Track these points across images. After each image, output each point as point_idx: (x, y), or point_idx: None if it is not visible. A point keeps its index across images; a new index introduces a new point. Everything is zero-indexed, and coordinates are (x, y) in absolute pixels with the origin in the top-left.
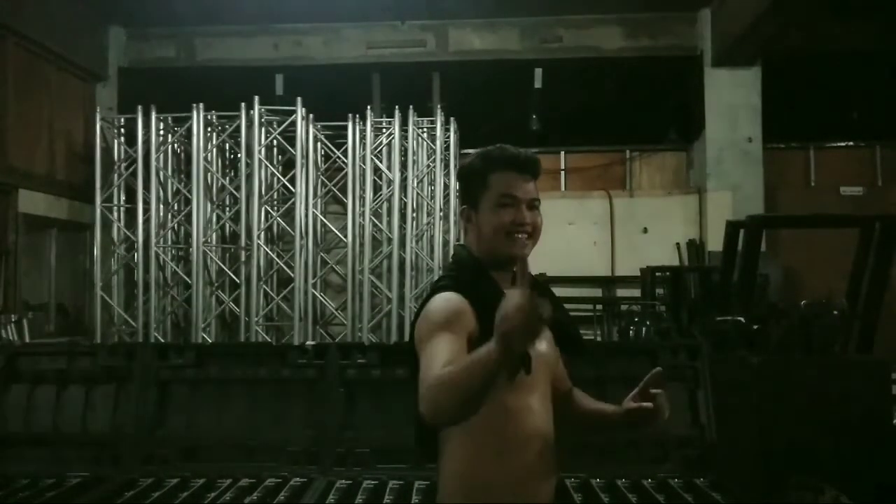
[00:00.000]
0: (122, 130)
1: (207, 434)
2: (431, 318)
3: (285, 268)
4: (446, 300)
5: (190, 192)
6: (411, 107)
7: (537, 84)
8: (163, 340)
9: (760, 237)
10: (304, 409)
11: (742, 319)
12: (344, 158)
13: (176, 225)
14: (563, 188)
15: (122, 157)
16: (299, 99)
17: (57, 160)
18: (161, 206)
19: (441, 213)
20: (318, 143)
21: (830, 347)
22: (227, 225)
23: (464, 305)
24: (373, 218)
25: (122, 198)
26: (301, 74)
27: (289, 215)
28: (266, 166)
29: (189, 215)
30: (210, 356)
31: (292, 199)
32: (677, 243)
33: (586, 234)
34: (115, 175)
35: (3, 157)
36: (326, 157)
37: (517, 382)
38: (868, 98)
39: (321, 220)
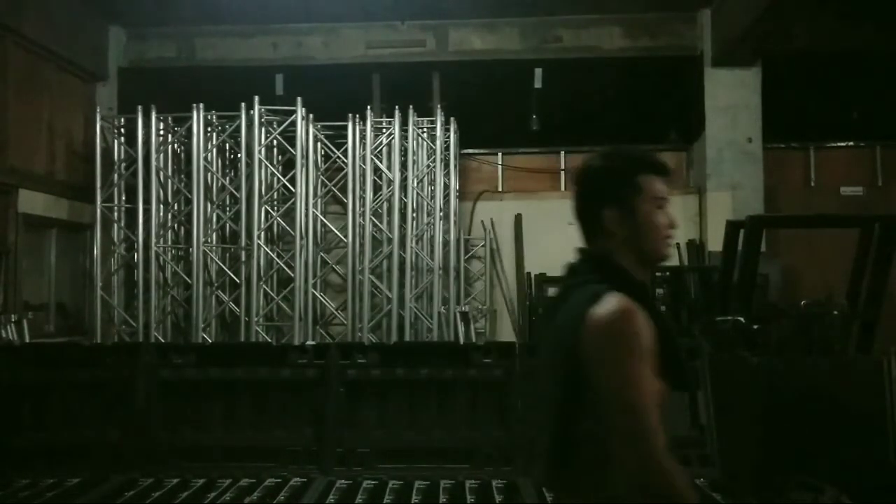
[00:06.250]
0: (122, 130)
1: (208, 434)
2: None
3: (285, 268)
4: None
5: (190, 192)
6: (411, 107)
7: (537, 84)
8: (163, 340)
9: (760, 237)
10: (304, 409)
11: (742, 319)
12: (344, 158)
13: (176, 225)
14: (562, 188)
15: (122, 157)
16: (299, 99)
17: (57, 160)
18: (161, 206)
19: (441, 213)
20: (318, 143)
21: (830, 347)
22: (227, 225)
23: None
24: (373, 218)
25: (123, 198)
26: (301, 74)
27: (289, 215)
28: (266, 166)
29: (189, 215)
30: (210, 356)
31: (292, 199)
32: (677, 243)
33: None
34: (115, 175)
35: (3, 157)
36: (326, 157)
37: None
38: (868, 98)
39: (321, 220)
